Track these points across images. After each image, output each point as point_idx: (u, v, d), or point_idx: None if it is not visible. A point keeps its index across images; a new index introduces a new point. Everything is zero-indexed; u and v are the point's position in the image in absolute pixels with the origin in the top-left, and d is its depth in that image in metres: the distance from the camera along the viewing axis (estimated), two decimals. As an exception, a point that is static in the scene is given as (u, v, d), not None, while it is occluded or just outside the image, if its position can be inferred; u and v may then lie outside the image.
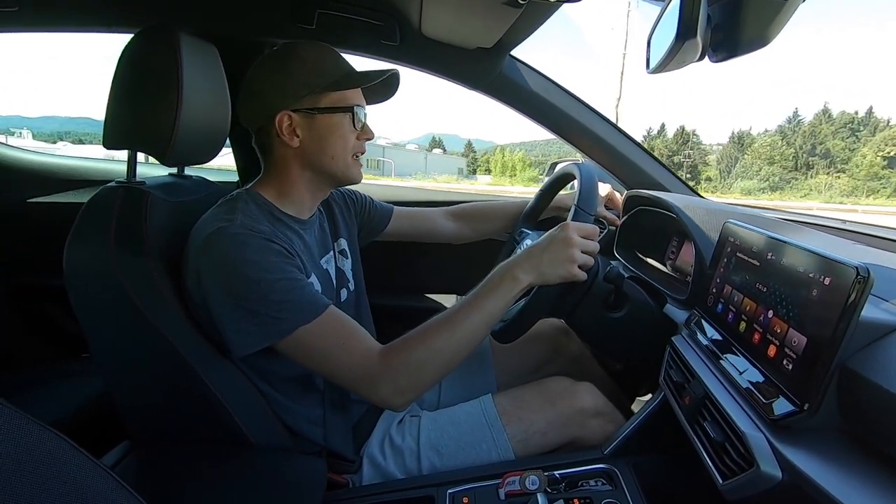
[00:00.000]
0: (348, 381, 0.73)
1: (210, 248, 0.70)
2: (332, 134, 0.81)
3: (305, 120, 0.80)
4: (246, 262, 0.69)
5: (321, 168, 0.83)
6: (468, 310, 0.75)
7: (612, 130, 1.30)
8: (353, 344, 0.72)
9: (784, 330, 0.54)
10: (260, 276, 0.69)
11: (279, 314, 0.69)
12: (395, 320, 1.46)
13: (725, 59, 0.56)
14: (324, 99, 0.80)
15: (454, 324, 0.74)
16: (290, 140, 0.80)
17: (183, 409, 0.78)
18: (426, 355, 0.72)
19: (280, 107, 0.79)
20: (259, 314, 0.68)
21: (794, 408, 0.49)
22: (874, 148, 43.54)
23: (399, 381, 0.72)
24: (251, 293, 0.68)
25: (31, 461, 0.33)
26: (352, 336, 0.73)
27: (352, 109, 0.82)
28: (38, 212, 1.45)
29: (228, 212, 0.75)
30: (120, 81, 0.77)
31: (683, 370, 0.73)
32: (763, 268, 0.61)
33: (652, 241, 1.15)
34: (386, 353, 0.73)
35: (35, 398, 1.13)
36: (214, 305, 0.70)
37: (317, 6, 1.05)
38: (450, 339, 0.73)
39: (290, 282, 0.71)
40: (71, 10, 1.10)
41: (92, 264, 0.71)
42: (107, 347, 0.75)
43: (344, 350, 0.72)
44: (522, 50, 1.17)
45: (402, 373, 0.72)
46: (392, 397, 0.72)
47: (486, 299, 0.76)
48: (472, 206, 1.24)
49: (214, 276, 0.69)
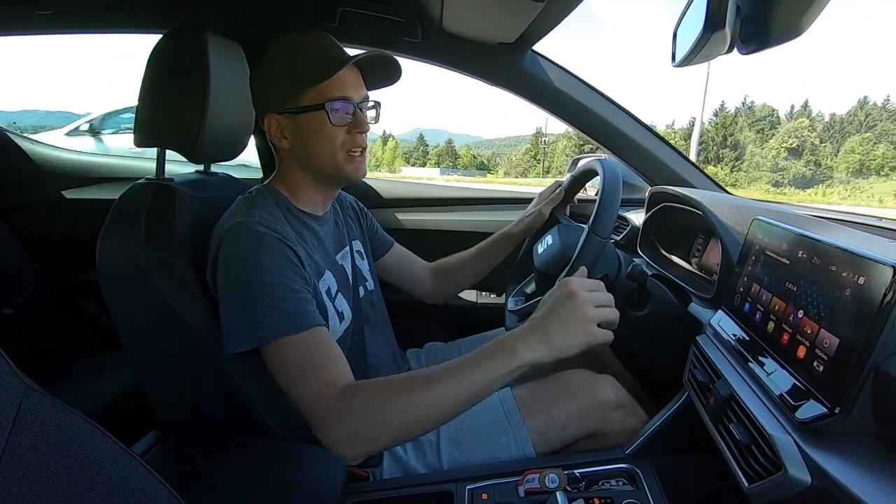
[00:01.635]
0: (306, 411, 0.66)
1: (225, 243, 0.72)
2: (314, 133, 0.79)
3: (290, 121, 0.79)
4: (253, 261, 0.70)
5: (315, 168, 0.83)
6: (452, 373, 0.65)
7: (635, 125, 1.28)
8: (323, 371, 0.67)
9: (815, 331, 0.52)
10: (261, 278, 0.69)
11: (265, 319, 0.67)
12: (414, 316, 1.48)
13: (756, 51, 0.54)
14: (304, 97, 0.77)
15: (431, 385, 0.64)
16: (279, 143, 0.81)
17: (209, 401, 0.80)
18: (390, 409, 0.63)
19: (265, 111, 0.80)
20: (249, 316, 0.68)
21: (824, 410, 0.48)
22: (779, 139, 44.06)
23: (353, 426, 0.63)
24: (248, 292, 0.69)
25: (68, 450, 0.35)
26: (326, 363, 0.68)
27: (324, 106, 0.77)
28: (72, 208, 1.50)
29: (248, 207, 0.76)
30: (149, 81, 0.79)
31: (708, 370, 0.71)
32: (793, 266, 0.59)
33: (676, 238, 1.13)
34: (349, 390, 0.65)
35: (70, 389, 1.18)
36: (220, 299, 0.71)
37: (339, 4, 1.06)
38: (421, 399, 0.63)
39: (286, 290, 0.70)
40: (103, 13, 1.14)
41: (123, 259, 0.73)
42: (137, 340, 0.78)
43: (313, 374, 0.66)
44: (544, 42, 1.16)
45: (359, 419, 0.63)
46: (342, 443, 0.64)
47: (475, 368, 0.65)
48: (446, 264, 1.19)
49: (225, 270, 0.71)
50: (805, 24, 0.47)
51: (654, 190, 1.13)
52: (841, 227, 0.79)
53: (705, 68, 17.10)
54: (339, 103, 0.78)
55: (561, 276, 0.82)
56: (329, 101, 0.77)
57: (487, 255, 1.16)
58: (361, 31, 1.13)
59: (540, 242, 1.01)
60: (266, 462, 0.74)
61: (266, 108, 0.81)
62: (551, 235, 0.98)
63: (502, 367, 0.64)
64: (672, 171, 1.28)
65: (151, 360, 0.79)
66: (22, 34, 1.22)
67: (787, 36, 0.49)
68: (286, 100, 0.78)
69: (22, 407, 0.33)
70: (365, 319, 0.95)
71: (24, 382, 0.34)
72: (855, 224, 0.95)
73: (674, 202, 1.06)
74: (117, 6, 1.11)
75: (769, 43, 0.51)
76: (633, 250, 1.17)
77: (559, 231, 0.98)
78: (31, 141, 1.58)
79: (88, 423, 0.37)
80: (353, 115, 0.80)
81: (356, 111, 0.80)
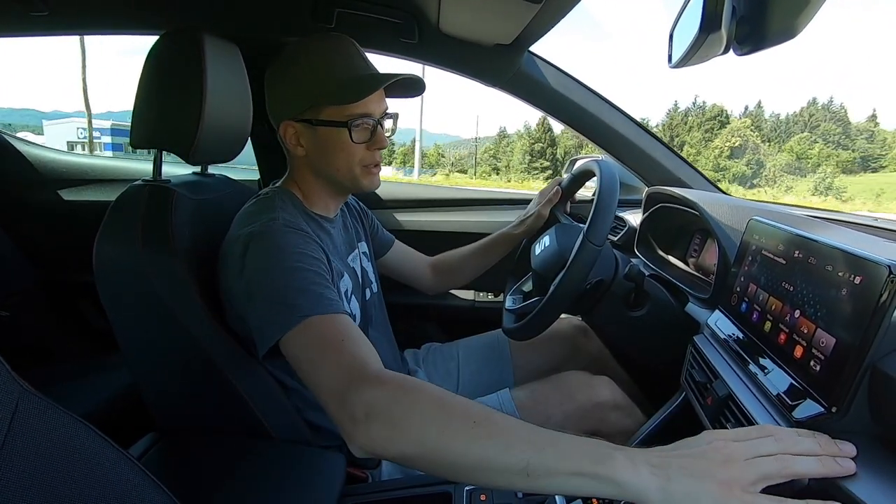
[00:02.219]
0: (330, 386, 0.57)
1: (254, 247, 0.69)
2: (333, 146, 0.78)
3: (308, 130, 0.78)
4: (284, 252, 0.68)
5: (329, 178, 0.83)
6: (523, 437, 0.48)
7: (631, 126, 1.28)
8: (358, 349, 0.60)
9: (811, 330, 0.52)
10: (291, 264, 0.67)
11: (296, 301, 0.64)
12: (412, 317, 1.48)
13: (751, 52, 0.55)
14: (325, 110, 0.76)
15: (491, 433, 0.47)
16: (294, 149, 0.81)
17: (207, 402, 0.80)
18: (429, 423, 0.49)
19: (282, 116, 0.79)
20: (278, 303, 0.65)
21: (821, 410, 0.48)
22: (723, 139, 45.66)
23: (379, 416, 0.51)
24: (278, 280, 0.66)
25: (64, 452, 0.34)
26: (362, 343, 0.62)
27: (348, 125, 0.76)
28: (69, 210, 1.49)
29: (270, 210, 0.74)
30: (146, 82, 0.79)
31: (706, 370, 0.71)
32: (789, 266, 0.60)
33: (674, 238, 1.13)
34: (387, 377, 0.55)
35: (67, 391, 1.17)
36: (250, 303, 0.68)
37: (336, 5, 1.06)
38: (468, 442, 0.47)
39: (316, 275, 0.68)
40: (98, 14, 1.13)
41: (120, 261, 0.73)
42: (134, 342, 0.78)
43: (344, 352, 0.59)
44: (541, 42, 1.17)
45: (390, 407, 0.51)
46: (358, 430, 0.51)
47: (552, 447, 0.46)
48: (447, 260, 1.20)
49: (256, 273, 0.68)
50: (800, 26, 0.47)
51: (651, 190, 1.14)
52: (837, 227, 0.79)
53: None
54: (362, 120, 0.77)
55: (556, 281, 0.82)
56: (352, 118, 0.76)
57: (487, 253, 1.17)
58: (358, 33, 1.13)
59: (537, 242, 1.01)
60: (264, 464, 0.74)
61: (283, 114, 0.79)
62: (548, 236, 0.99)
63: (586, 461, 0.45)
64: (668, 171, 1.29)
65: (149, 363, 0.79)
66: (17, 35, 1.22)
67: (782, 37, 0.49)
68: (307, 109, 0.77)
69: (18, 409, 0.32)
70: (370, 321, 0.95)
71: (20, 385, 0.34)
72: (851, 224, 0.95)
73: (671, 203, 1.06)
74: (113, 7, 1.11)
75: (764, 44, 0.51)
76: (630, 251, 1.17)
77: (556, 232, 0.98)
78: (26, 143, 1.57)
79: (85, 425, 0.36)
80: (374, 131, 0.79)
81: (376, 127, 0.80)
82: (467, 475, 0.48)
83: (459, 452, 0.47)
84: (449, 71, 1.23)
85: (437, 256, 1.21)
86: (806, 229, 0.60)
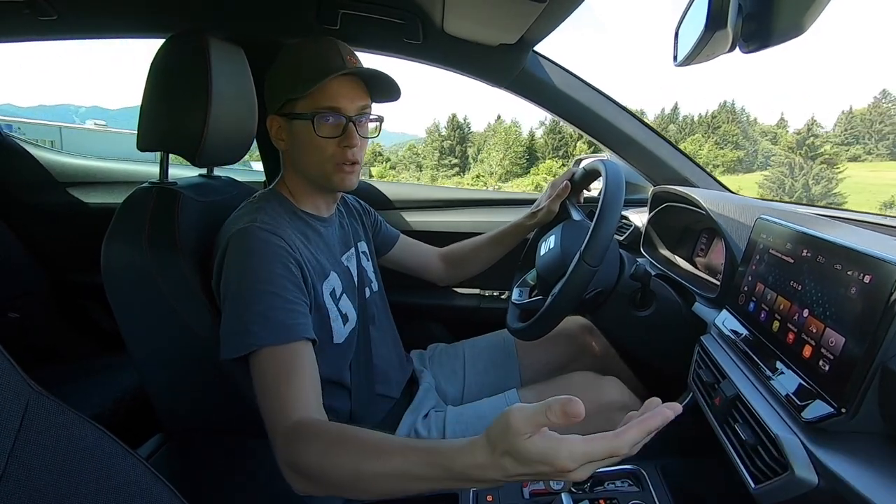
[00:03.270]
0: (265, 421, 0.64)
1: (229, 248, 0.72)
2: (303, 141, 0.78)
3: (287, 124, 0.80)
4: (251, 268, 0.70)
5: (305, 174, 0.83)
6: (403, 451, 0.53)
7: (636, 125, 1.27)
8: (284, 393, 0.63)
9: (820, 330, 0.52)
10: (255, 285, 0.68)
11: (253, 326, 0.66)
12: (417, 318, 1.48)
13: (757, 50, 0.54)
14: (298, 104, 0.77)
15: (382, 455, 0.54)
16: (278, 144, 0.82)
17: (214, 403, 0.80)
18: (323, 467, 0.56)
19: (269, 110, 0.81)
20: (240, 321, 0.67)
21: (831, 410, 0.47)
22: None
23: (293, 463, 0.59)
24: (243, 299, 0.68)
25: (73, 453, 0.35)
26: (292, 386, 0.64)
27: (311, 117, 0.76)
28: (77, 212, 1.51)
29: (252, 211, 0.76)
30: (152, 86, 0.79)
31: (713, 370, 0.71)
32: (798, 265, 0.59)
33: (680, 238, 1.13)
34: (298, 429, 0.60)
35: (75, 392, 1.18)
36: (221, 304, 0.72)
37: (340, 7, 1.06)
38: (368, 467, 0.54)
39: (278, 298, 0.69)
40: (105, 18, 1.14)
41: (127, 263, 0.73)
42: (142, 343, 0.78)
43: (275, 394, 0.64)
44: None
45: (301, 460, 0.58)
46: (288, 472, 0.60)
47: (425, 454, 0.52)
48: (459, 251, 1.19)
49: (227, 275, 0.71)
50: (807, 23, 0.47)
51: (657, 190, 1.13)
52: (845, 225, 0.78)
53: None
54: (330, 115, 0.77)
55: (554, 290, 0.81)
56: (318, 111, 0.76)
57: (498, 243, 1.17)
58: (363, 34, 1.13)
59: (544, 240, 1.01)
60: (271, 464, 0.74)
61: (269, 108, 0.82)
62: (554, 236, 0.98)
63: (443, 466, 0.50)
64: (674, 170, 1.28)
65: (156, 363, 0.80)
66: (26, 40, 1.23)
67: (789, 34, 0.48)
68: (285, 103, 0.78)
69: (28, 410, 0.33)
70: (371, 321, 0.95)
71: (30, 386, 0.34)
72: (859, 223, 0.94)
73: (677, 202, 1.06)
74: (120, 11, 1.12)
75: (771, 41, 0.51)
76: (636, 250, 1.17)
77: (563, 232, 0.98)
78: (34, 145, 1.59)
79: (93, 426, 0.37)
80: (344, 128, 0.78)
81: (347, 125, 0.78)
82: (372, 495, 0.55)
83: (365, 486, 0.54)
84: (453, 71, 1.23)
85: (448, 247, 1.21)
86: (814, 228, 0.60)
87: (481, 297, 1.50)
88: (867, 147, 61.12)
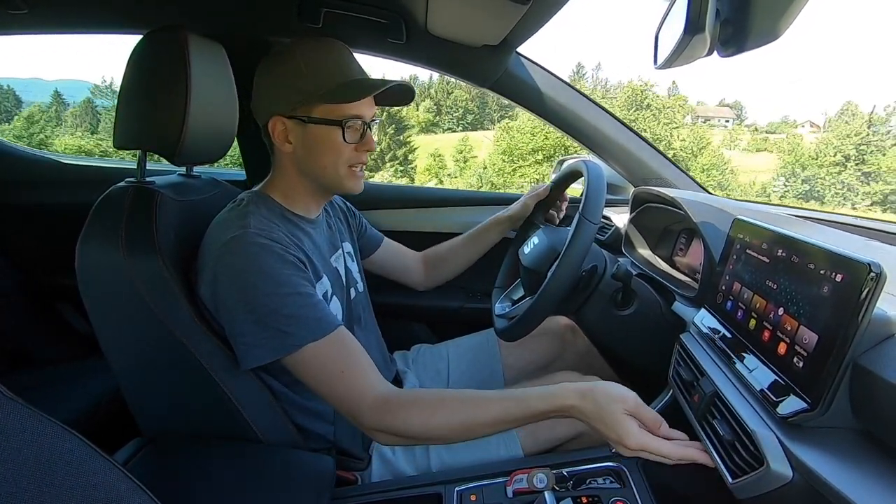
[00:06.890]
0: (341, 411, 0.72)
1: (226, 258, 0.70)
2: (322, 145, 0.79)
3: (298, 127, 0.79)
4: (261, 273, 0.69)
5: (314, 177, 0.83)
6: (501, 396, 0.68)
7: (617, 126, 1.29)
8: (353, 376, 0.70)
9: (795, 327, 0.53)
10: (273, 290, 0.69)
11: (288, 328, 0.68)
12: (401, 318, 1.47)
13: (734, 54, 0.55)
14: (317, 108, 0.77)
15: (482, 403, 0.68)
16: (281, 145, 0.80)
17: (193, 407, 0.79)
18: (430, 426, 0.68)
19: (273, 111, 0.79)
20: (269, 327, 0.68)
21: (805, 405, 0.49)
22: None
23: (388, 433, 0.69)
24: (263, 306, 0.68)
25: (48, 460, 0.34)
26: (355, 366, 0.71)
27: (341, 124, 0.78)
28: (50, 211, 1.46)
29: (242, 217, 0.74)
30: (129, 83, 0.77)
31: (692, 368, 0.72)
32: (773, 265, 0.61)
33: (660, 238, 1.14)
34: (386, 404, 0.69)
35: (50, 396, 1.15)
36: (227, 315, 0.70)
37: (323, 5, 1.05)
38: (467, 414, 0.67)
39: (302, 297, 0.70)
40: (79, 13, 1.11)
41: (103, 263, 0.71)
42: (118, 346, 0.76)
43: (342, 381, 0.70)
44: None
45: (393, 431, 0.68)
46: (380, 435, 0.70)
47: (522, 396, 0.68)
48: (437, 252, 1.20)
49: (229, 286, 0.70)
50: (782, 27, 0.48)
51: (638, 190, 1.15)
52: (819, 226, 0.81)
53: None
54: (354, 121, 0.79)
55: (552, 270, 0.82)
56: (346, 118, 0.78)
57: (477, 242, 1.18)
58: (345, 33, 1.12)
59: (525, 244, 1.01)
60: (253, 468, 0.73)
61: (273, 110, 0.79)
62: (536, 236, 0.99)
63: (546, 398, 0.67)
64: (654, 171, 1.30)
65: (133, 367, 0.78)
66: None
67: (764, 39, 0.50)
68: (299, 106, 0.77)
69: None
70: (356, 321, 0.94)
71: (1, 391, 0.33)
72: (833, 224, 0.97)
73: (657, 202, 1.07)
74: (96, 6, 1.09)
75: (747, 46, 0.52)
76: (617, 250, 1.18)
77: (544, 231, 0.99)
78: (6, 144, 1.54)
79: (68, 431, 0.36)
80: (363, 133, 0.81)
81: (366, 130, 0.81)
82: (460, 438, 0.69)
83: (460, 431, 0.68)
84: (437, 71, 1.24)
85: (428, 250, 1.21)
86: (789, 228, 0.61)
87: (465, 296, 1.51)
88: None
